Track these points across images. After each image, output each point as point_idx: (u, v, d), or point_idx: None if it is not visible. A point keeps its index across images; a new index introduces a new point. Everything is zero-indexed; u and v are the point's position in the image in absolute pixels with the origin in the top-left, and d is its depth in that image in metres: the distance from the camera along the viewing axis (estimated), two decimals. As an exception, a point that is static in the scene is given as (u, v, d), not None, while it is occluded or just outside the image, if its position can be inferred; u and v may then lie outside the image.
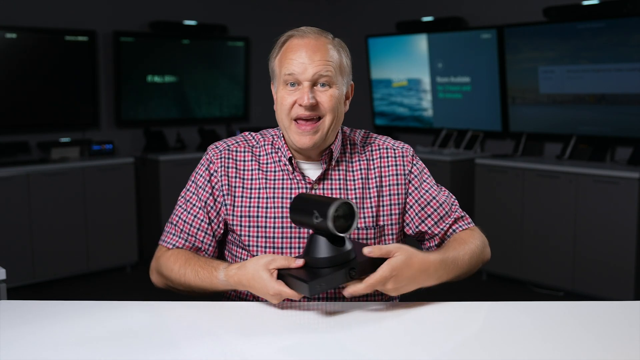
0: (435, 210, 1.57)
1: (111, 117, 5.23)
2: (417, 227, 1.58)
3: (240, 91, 5.85)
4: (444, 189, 1.63)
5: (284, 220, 1.51)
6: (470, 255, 1.51)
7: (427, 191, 1.58)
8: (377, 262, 1.30)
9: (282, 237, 1.51)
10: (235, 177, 1.55)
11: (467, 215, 1.61)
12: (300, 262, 1.30)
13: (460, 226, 1.59)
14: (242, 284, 1.36)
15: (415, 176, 1.59)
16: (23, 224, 4.34)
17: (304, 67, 1.44)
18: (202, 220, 1.55)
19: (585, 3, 4.35)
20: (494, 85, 4.93)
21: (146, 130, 5.25)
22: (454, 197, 1.62)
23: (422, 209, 1.57)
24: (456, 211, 1.59)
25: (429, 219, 1.57)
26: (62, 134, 4.96)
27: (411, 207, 1.58)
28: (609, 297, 3.93)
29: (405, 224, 1.60)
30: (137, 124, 5.32)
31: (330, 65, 1.46)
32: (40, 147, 4.80)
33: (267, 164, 1.56)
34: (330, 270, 1.27)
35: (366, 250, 1.29)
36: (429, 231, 1.58)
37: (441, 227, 1.57)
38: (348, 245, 1.30)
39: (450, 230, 1.58)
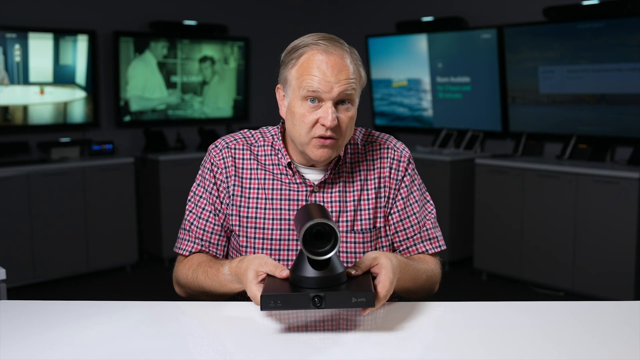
0: (410, 227, 1.55)
1: (111, 117, 5.23)
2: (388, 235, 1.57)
3: (241, 91, 5.85)
4: (428, 202, 1.60)
5: (282, 222, 1.50)
6: (427, 276, 1.50)
7: (410, 205, 1.56)
8: (361, 281, 1.26)
9: (280, 239, 1.50)
10: (235, 175, 1.54)
11: (441, 237, 1.59)
12: (285, 273, 1.26)
13: (427, 249, 1.57)
14: (238, 277, 1.35)
15: (406, 185, 1.56)
16: (23, 224, 4.34)
17: (330, 87, 1.39)
18: (214, 224, 1.55)
19: (585, 3, 4.35)
20: (494, 85, 4.93)
21: (146, 130, 5.25)
22: (434, 213, 1.60)
23: (400, 220, 1.55)
24: (429, 230, 1.57)
25: (402, 232, 1.55)
26: (62, 134, 4.96)
27: (391, 214, 1.56)
28: (609, 297, 3.93)
29: None
30: (137, 124, 5.32)
31: (354, 83, 1.42)
32: (40, 147, 4.80)
33: (265, 164, 1.54)
34: (296, 290, 1.21)
35: (352, 273, 1.28)
36: (396, 244, 1.57)
37: (407, 245, 1.56)
38: (332, 271, 1.22)
39: (414, 250, 1.56)
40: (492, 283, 4.57)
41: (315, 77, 1.40)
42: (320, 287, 1.21)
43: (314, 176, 1.53)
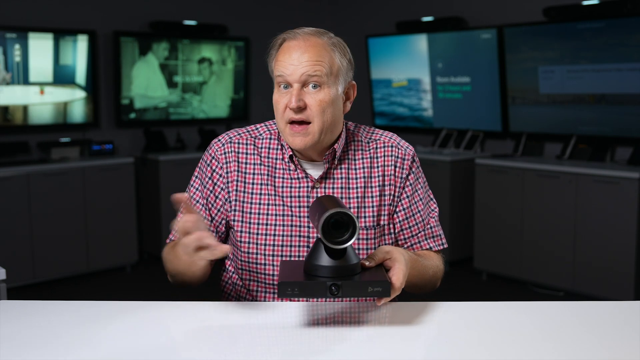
0: (415, 224, 1.56)
1: (111, 117, 5.23)
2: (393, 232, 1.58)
3: (240, 91, 5.85)
4: (432, 200, 1.62)
5: (285, 217, 1.50)
6: (433, 272, 1.52)
7: (415, 203, 1.57)
8: (375, 272, 1.27)
9: (283, 235, 1.50)
10: (237, 171, 1.53)
11: (443, 236, 1.61)
12: (224, 248, 1.23)
13: (431, 246, 1.58)
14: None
15: (410, 184, 1.56)
16: (23, 223, 4.34)
17: (293, 69, 1.42)
18: (204, 218, 1.53)
19: (585, 3, 4.35)
20: (494, 85, 4.93)
21: (146, 130, 5.25)
22: (437, 211, 1.61)
23: (406, 218, 1.56)
24: (432, 228, 1.59)
25: (407, 230, 1.56)
26: (62, 134, 4.96)
27: (396, 212, 1.56)
28: (609, 297, 3.93)
29: None
30: (137, 123, 5.32)
31: (320, 65, 1.42)
32: (40, 147, 4.80)
33: (268, 158, 1.54)
34: (312, 278, 1.23)
35: (366, 264, 1.29)
36: (400, 241, 1.57)
37: (412, 242, 1.57)
38: (348, 261, 1.24)
39: (419, 247, 1.58)
40: (492, 283, 4.57)
41: (281, 62, 1.44)
42: (336, 276, 1.23)
43: (314, 171, 1.53)
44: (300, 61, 1.42)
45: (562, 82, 4.54)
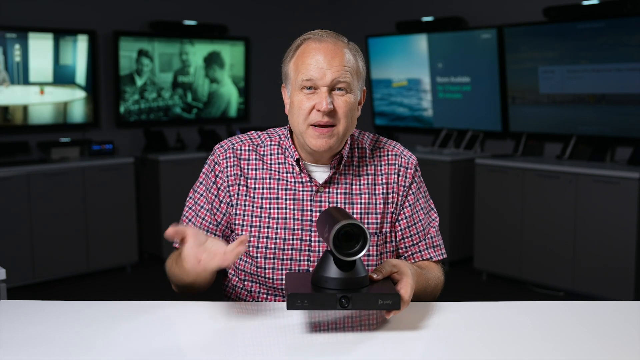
0: (416, 233, 1.57)
1: (111, 117, 5.23)
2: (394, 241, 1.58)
3: (241, 91, 5.85)
4: (432, 210, 1.62)
5: (287, 221, 1.50)
6: (435, 284, 1.53)
7: (417, 212, 1.57)
8: (383, 285, 1.27)
9: (285, 239, 1.50)
10: (240, 175, 1.53)
11: (443, 246, 1.61)
12: (237, 250, 1.23)
13: (431, 256, 1.58)
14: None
15: (413, 192, 1.57)
16: (23, 223, 4.34)
17: (323, 72, 1.42)
18: (209, 223, 1.54)
19: (585, 3, 4.35)
20: (494, 85, 4.93)
21: (146, 130, 5.25)
22: (437, 220, 1.62)
23: (407, 227, 1.56)
24: (433, 237, 1.59)
25: (408, 239, 1.57)
26: (62, 134, 4.96)
27: (398, 221, 1.57)
28: (609, 297, 3.93)
29: None
30: (137, 124, 5.32)
31: (348, 71, 1.44)
32: (40, 147, 4.80)
33: (271, 164, 1.54)
34: (322, 290, 1.22)
35: (374, 277, 1.29)
36: (401, 250, 1.58)
37: (412, 251, 1.57)
38: (356, 274, 1.23)
39: (419, 256, 1.58)
40: (492, 283, 4.57)
41: (309, 65, 1.43)
42: (344, 288, 1.22)
43: (320, 175, 1.53)
44: (332, 65, 1.43)
45: (562, 82, 4.54)
